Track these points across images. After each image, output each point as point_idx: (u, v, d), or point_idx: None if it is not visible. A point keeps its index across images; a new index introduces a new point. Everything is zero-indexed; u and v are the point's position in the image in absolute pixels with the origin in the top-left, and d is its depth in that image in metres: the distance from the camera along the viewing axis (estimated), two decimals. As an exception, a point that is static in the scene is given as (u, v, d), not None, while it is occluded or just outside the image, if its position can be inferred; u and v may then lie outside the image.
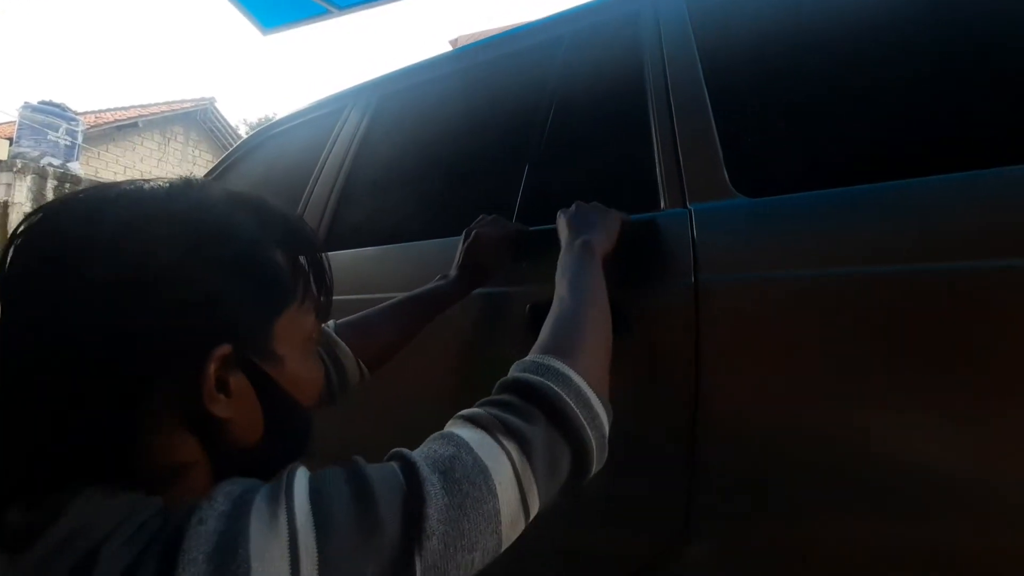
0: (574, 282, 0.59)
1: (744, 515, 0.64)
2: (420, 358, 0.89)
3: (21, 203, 8.03)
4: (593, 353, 0.51)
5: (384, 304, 0.80)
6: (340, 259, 1.20)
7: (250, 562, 0.29)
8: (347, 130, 1.39)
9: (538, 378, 0.45)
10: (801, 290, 0.64)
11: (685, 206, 0.78)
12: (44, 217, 0.37)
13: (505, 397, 0.45)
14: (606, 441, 0.47)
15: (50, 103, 8.38)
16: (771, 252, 0.68)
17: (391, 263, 1.11)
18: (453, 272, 0.83)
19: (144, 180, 0.40)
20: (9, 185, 7.91)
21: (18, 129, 8.17)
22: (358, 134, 1.35)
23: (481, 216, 0.90)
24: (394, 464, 0.38)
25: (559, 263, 0.65)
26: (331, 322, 0.74)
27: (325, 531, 0.31)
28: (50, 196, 8.44)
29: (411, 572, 0.33)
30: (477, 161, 1.12)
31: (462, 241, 0.85)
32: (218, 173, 1.79)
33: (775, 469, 0.63)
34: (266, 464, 0.40)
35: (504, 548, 0.39)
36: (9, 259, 0.35)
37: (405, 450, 0.40)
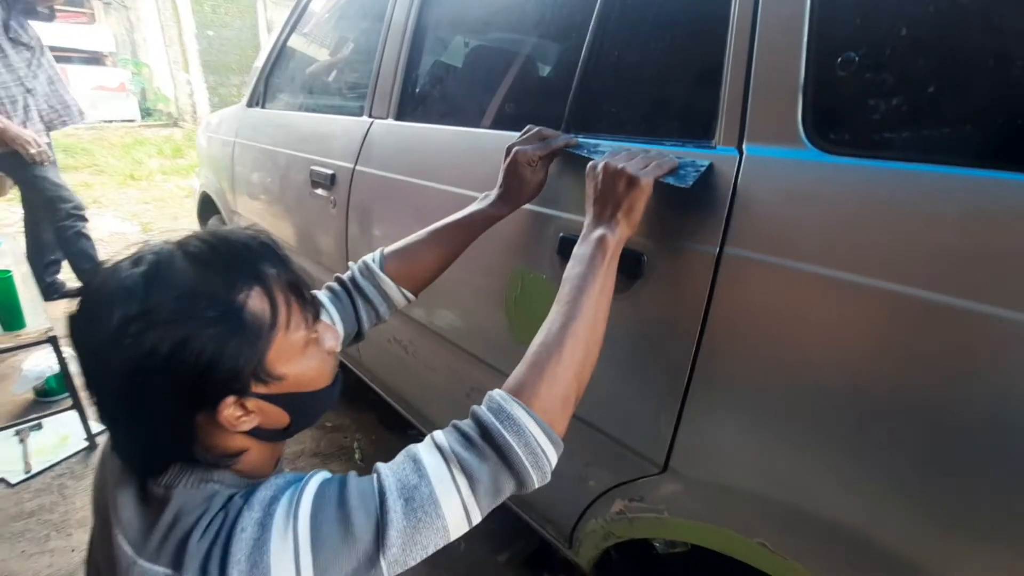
0: (574, 294, 0.61)
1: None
2: (455, 267, 0.95)
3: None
4: (563, 385, 0.57)
5: (428, 229, 0.82)
6: (408, 133, 1.22)
7: (270, 568, 0.45)
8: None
9: (496, 425, 0.53)
10: (870, 307, 0.53)
11: (739, 147, 0.66)
12: (74, 317, 0.48)
13: (469, 432, 0.54)
14: (548, 473, 0.55)
15: None
16: (837, 237, 0.55)
17: (452, 150, 1.10)
18: (496, 191, 0.82)
19: (128, 259, 0.48)
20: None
21: None
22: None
23: (527, 128, 0.84)
24: (374, 486, 0.50)
25: (573, 252, 0.65)
26: (379, 252, 0.82)
27: (317, 545, 0.46)
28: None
29: (378, 567, 0.47)
30: (536, 42, 0.97)
31: (504, 159, 0.82)
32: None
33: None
34: (301, 425, 0.58)
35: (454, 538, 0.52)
36: (72, 341, 0.48)
37: (384, 471, 0.51)
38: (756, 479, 0.65)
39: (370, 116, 1.34)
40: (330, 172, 1.39)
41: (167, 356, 0.45)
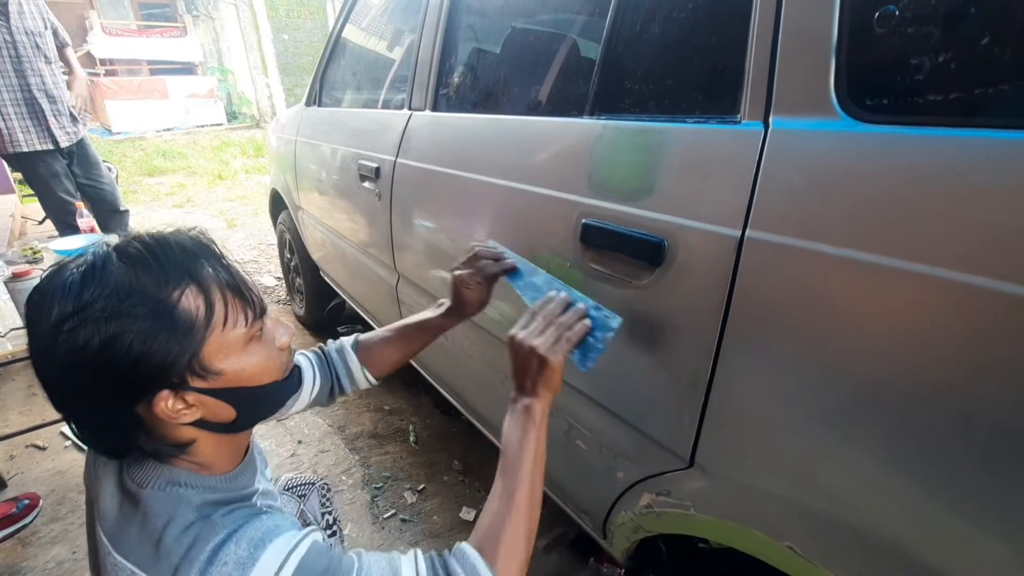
0: (514, 465, 0.65)
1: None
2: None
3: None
4: (519, 553, 0.61)
5: (394, 328, 0.95)
6: (440, 124, 1.22)
7: None
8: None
9: None
10: (911, 296, 0.48)
11: (765, 121, 0.60)
12: (28, 305, 0.50)
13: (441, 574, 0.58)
14: None
15: None
16: (872, 217, 0.49)
17: (480, 138, 1.09)
18: (448, 303, 0.92)
19: (74, 260, 0.50)
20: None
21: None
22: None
23: (471, 247, 0.89)
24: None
25: (505, 419, 0.70)
26: (355, 338, 0.94)
27: None
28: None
29: None
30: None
31: (451, 280, 0.89)
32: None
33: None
34: (249, 418, 0.59)
35: None
36: (27, 329, 0.51)
37: (366, 566, 0.55)
38: (783, 479, 0.61)
39: (409, 108, 1.36)
40: (375, 165, 1.44)
41: (98, 351, 0.46)
